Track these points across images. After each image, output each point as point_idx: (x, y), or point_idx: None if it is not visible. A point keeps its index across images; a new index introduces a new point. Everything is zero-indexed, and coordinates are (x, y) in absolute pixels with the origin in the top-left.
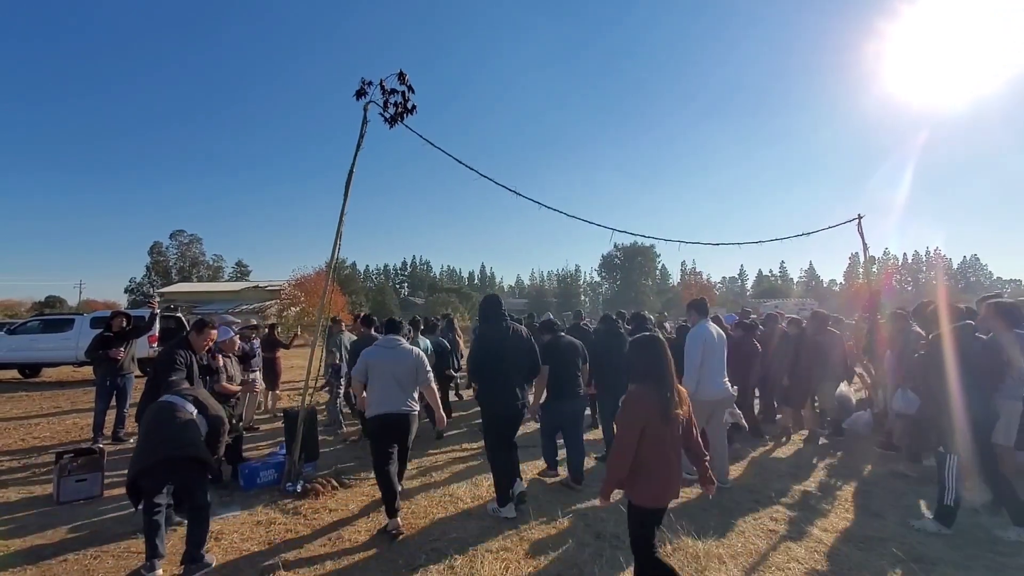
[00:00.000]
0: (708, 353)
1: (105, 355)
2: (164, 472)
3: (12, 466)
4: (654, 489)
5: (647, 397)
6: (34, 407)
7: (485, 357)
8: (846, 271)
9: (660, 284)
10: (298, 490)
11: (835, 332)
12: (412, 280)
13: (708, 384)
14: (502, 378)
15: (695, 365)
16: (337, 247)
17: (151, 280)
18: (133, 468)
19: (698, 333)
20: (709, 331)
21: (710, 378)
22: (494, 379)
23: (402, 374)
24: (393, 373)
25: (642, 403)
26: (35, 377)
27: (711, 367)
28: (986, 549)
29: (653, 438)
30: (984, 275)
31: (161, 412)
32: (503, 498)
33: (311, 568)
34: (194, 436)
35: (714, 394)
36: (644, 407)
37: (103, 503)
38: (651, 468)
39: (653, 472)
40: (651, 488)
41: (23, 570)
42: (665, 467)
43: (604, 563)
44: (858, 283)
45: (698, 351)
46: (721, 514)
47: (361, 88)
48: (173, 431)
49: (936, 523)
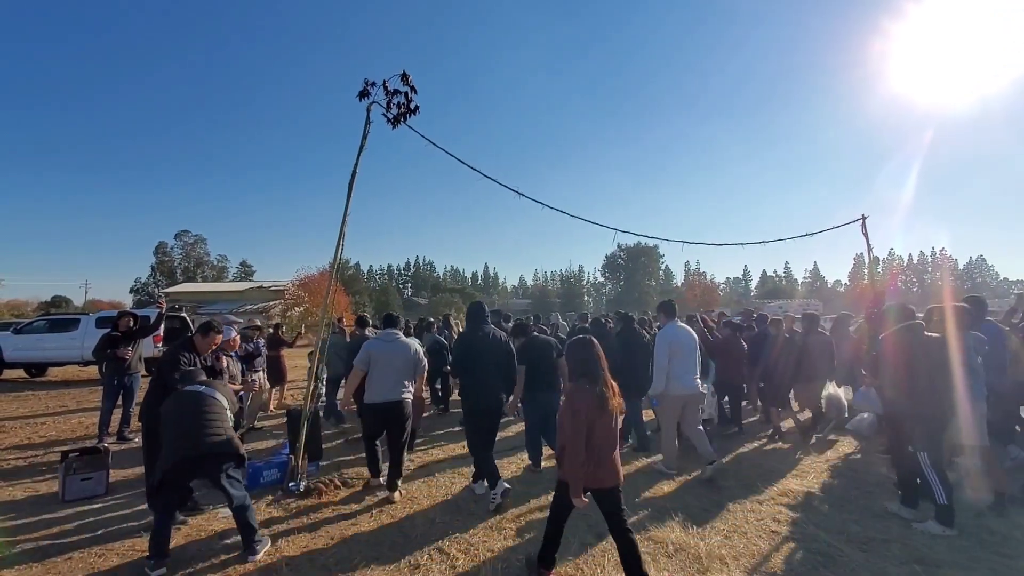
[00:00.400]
0: (676, 353)
1: (113, 354)
2: (193, 466)
3: (18, 464)
4: (602, 470)
5: (584, 392)
6: (40, 406)
7: (467, 356)
8: (851, 272)
9: (664, 284)
10: (301, 489)
11: (823, 333)
12: (416, 280)
13: (677, 381)
14: (481, 375)
15: (663, 364)
16: (340, 247)
17: (156, 280)
18: (164, 462)
19: (665, 334)
20: (677, 332)
21: (679, 376)
22: (474, 375)
23: (401, 364)
24: (392, 363)
25: (581, 398)
26: (41, 376)
27: (680, 365)
28: (990, 551)
29: (598, 426)
30: (990, 275)
31: (189, 403)
32: (492, 482)
33: (313, 567)
34: (226, 427)
35: (683, 391)
36: (583, 402)
37: (108, 501)
38: (599, 452)
39: (599, 454)
40: (600, 470)
41: (29, 567)
42: (609, 450)
43: (606, 563)
44: (863, 284)
45: (665, 351)
46: (724, 515)
47: (364, 89)
48: (204, 423)
49: (938, 524)
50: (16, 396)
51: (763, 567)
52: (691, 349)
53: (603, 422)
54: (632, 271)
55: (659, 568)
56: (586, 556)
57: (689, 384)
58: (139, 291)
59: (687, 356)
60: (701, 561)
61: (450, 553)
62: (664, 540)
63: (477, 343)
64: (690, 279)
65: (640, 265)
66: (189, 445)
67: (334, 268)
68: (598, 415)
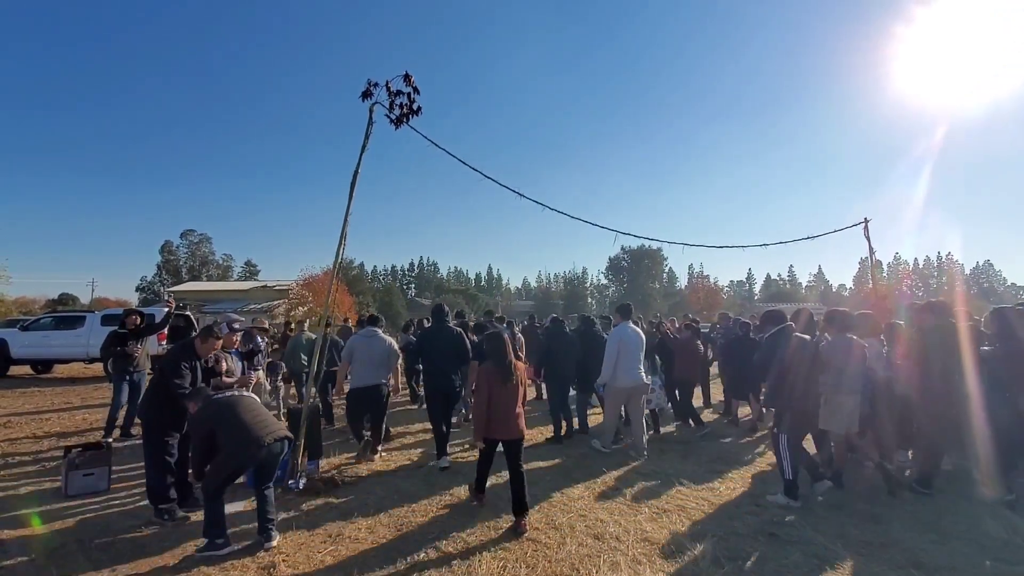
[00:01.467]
0: (624, 349)
1: (121, 352)
2: (265, 453)
3: (23, 460)
4: (498, 427)
5: (492, 370)
6: (45, 402)
7: (428, 348)
8: (856, 276)
9: (667, 287)
10: (300, 487)
11: None
12: (419, 281)
13: (623, 374)
14: (439, 363)
15: (612, 359)
16: (342, 247)
17: (162, 279)
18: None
19: (617, 333)
20: (627, 331)
21: (625, 370)
22: (433, 363)
23: (378, 356)
24: (371, 356)
25: (488, 374)
26: (47, 373)
27: (627, 360)
28: (989, 556)
29: (498, 395)
30: (998, 280)
31: (239, 403)
32: (441, 452)
33: (311, 565)
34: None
35: (629, 382)
36: (489, 377)
37: (110, 497)
38: (497, 414)
39: (498, 416)
40: (497, 426)
41: (30, 560)
42: (505, 413)
43: (602, 564)
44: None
45: (615, 347)
46: (720, 518)
47: (367, 89)
48: (263, 415)
49: (784, 497)
50: (22, 392)
51: (759, 569)
52: (637, 347)
53: (506, 390)
54: (635, 273)
55: (655, 569)
56: (582, 556)
57: (635, 377)
58: (145, 290)
59: (633, 353)
60: (696, 563)
61: (447, 552)
62: (660, 541)
63: (437, 337)
64: (694, 282)
65: (643, 267)
66: (267, 434)
67: (336, 268)
68: (501, 386)
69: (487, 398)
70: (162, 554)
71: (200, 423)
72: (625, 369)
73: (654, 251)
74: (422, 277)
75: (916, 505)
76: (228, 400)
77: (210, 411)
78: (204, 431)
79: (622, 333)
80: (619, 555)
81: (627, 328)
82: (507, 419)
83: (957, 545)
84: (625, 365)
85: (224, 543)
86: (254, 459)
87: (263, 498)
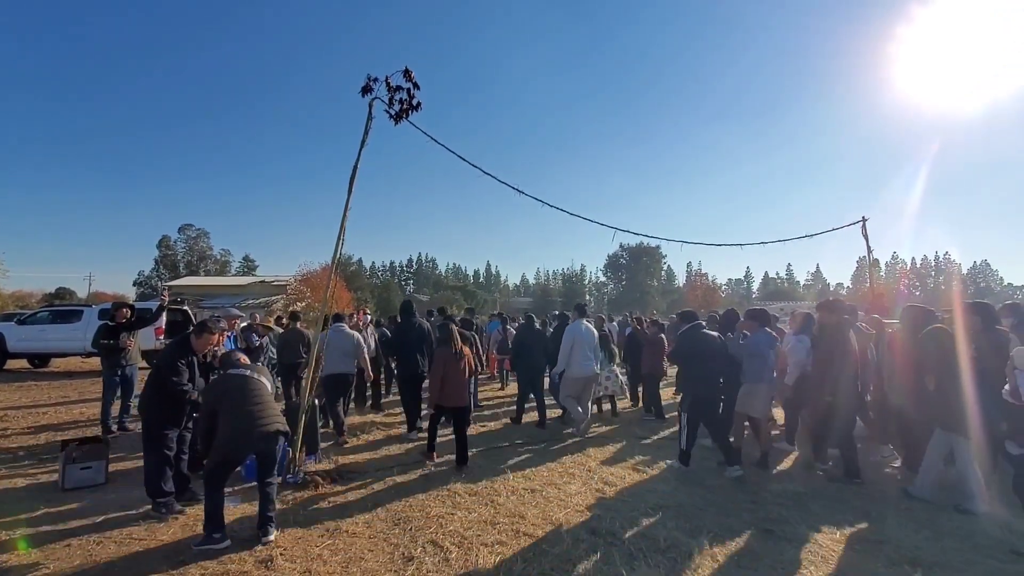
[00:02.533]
0: (578, 343)
1: (114, 345)
2: (258, 445)
3: (19, 454)
4: (450, 396)
5: (445, 352)
6: (42, 396)
7: (399, 340)
8: (854, 275)
9: (666, 285)
10: (298, 481)
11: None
12: (418, 277)
13: (576, 365)
14: (408, 353)
15: (566, 351)
16: (341, 243)
17: (159, 273)
18: (231, 443)
19: (571, 328)
20: (580, 327)
21: (578, 362)
22: (403, 353)
23: (347, 348)
24: (341, 347)
25: (443, 357)
26: (44, 367)
27: (580, 353)
28: (984, 554)
29: (450, 371)
30: (995, 280)
31: (245, 387)
32: (411, 426)
33: (308, 558)
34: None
35: (581, 373)
36: (444, 359)
37: (107, 490)
38: (448, 386)
39: (448, 387)
40: (448, 395)
41: (28, 553)
42: (456, 385)
43: (598, 559)
44: (865, 287)
45: (569, 341)
46: (717, 514)
47: (367, 84)
48: (265, 405)
49: (679, 463)
50: (19, 386)
51: (754, 565)
52: (590, 341)
53: (455, 368)
54: (634, 271)
55: (651, 564)
56: (578, 552)
57: (587, 368)
58: (142, 284)
59: (586, 347)
60: (693, 559)
61: (444, 546)
62: (655, 537)
63: (407, 330)
64: (692, 280)
65: (642, 265)
66: (260, 427)
67: (334, 263)
68: (453, 365)
69: (442, 375)
70: (160, 547)
71: (206, 399)
72: (579, 361)
73: (653, 249)
74: (420, 273)
75: (911, 503)
76: (237, 382)
77: (218, 390)
78: (208, 408)
79: (576, 329)
80: (615, 549)
81: (580, 324)
82: (456, 392)
83: (951, 542)
84: (579, 357)
85: (222, 538)
86: (247, 450)
87: (264, 493)
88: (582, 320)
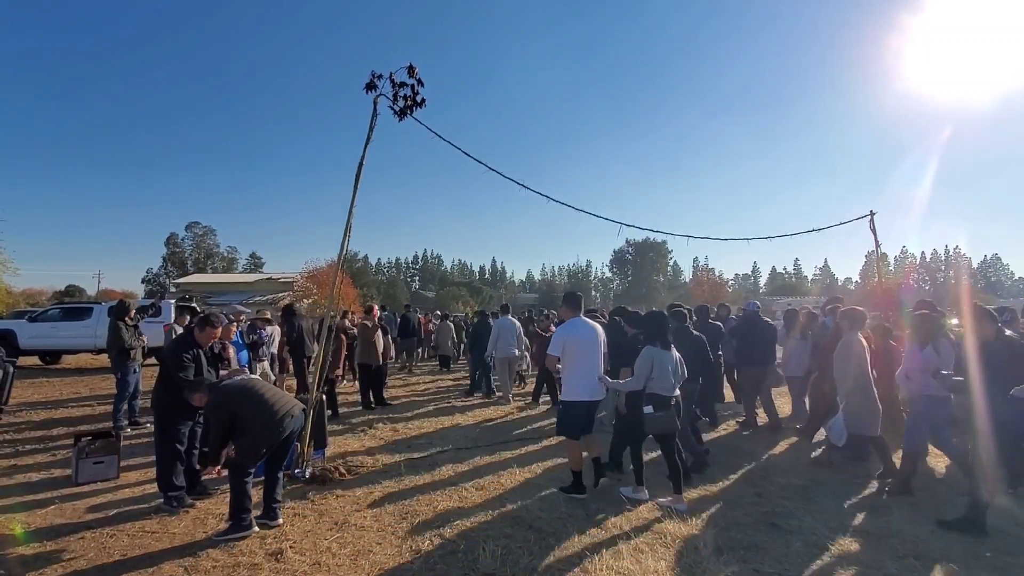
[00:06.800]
0: (502, 332)
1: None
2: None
3: (33, 449)
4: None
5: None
6: (54, 392)
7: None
8: (862, 269)
9: (672, 280)
10: (306, 476)
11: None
12: (423, 273)
13: (502, 348)
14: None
15: (494, 338)
16: (347, 239)
17: (167, 271)
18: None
19: (498, 323)
20: (506, 321)
21: (503, 346)
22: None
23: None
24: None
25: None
26: (55, 363)
27: (504, 339)
28: (989, 548)
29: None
30: (1005, 274)
31: (257, 384)
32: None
33: (317, 551)
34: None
35: (503, 354)
36: None
37: (119, 485)
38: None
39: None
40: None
41: (42, 545)
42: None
43: (605, 551)
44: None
45: (496, 331)
46: (722, 507)
47: (371, 81)
48: (282, 393)
49: None
50: (31, 383)
51: (760, 558)
52: (511, 331)
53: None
54: (640, 266)
55: (657, 558)
56: (585, 544)
57: (509, 351)
58: (150, 281)
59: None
60: (698, 551)
61: (450, 539)
62: (662, 530)
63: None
64: (698, 275)
65: (648, 260)
66: (289, 407)
67: (340, 260)
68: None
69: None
70: (171, 540)
71: (218, 408)
72: (503, 345)
73: (659, 244)
74: (426, 270)
75: (916, 496)
76: (243, 384)
77: (228, 396)
78: (224, 415)
79: (502, 323)
80: (621, 543)
81: (507, 319)
82: None
83: (956, 535)
84: (503, 343)
85: (250, 524)
86: (283, 432)
87: (274, 480)
88: (507, 316)
